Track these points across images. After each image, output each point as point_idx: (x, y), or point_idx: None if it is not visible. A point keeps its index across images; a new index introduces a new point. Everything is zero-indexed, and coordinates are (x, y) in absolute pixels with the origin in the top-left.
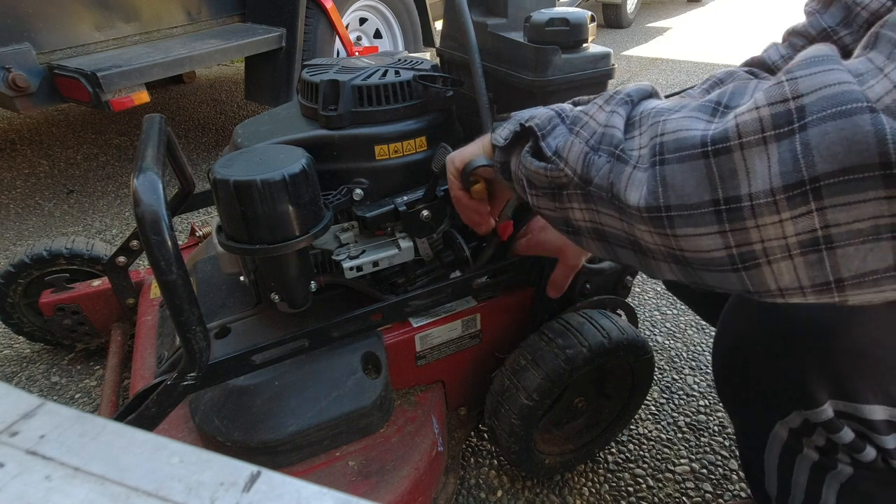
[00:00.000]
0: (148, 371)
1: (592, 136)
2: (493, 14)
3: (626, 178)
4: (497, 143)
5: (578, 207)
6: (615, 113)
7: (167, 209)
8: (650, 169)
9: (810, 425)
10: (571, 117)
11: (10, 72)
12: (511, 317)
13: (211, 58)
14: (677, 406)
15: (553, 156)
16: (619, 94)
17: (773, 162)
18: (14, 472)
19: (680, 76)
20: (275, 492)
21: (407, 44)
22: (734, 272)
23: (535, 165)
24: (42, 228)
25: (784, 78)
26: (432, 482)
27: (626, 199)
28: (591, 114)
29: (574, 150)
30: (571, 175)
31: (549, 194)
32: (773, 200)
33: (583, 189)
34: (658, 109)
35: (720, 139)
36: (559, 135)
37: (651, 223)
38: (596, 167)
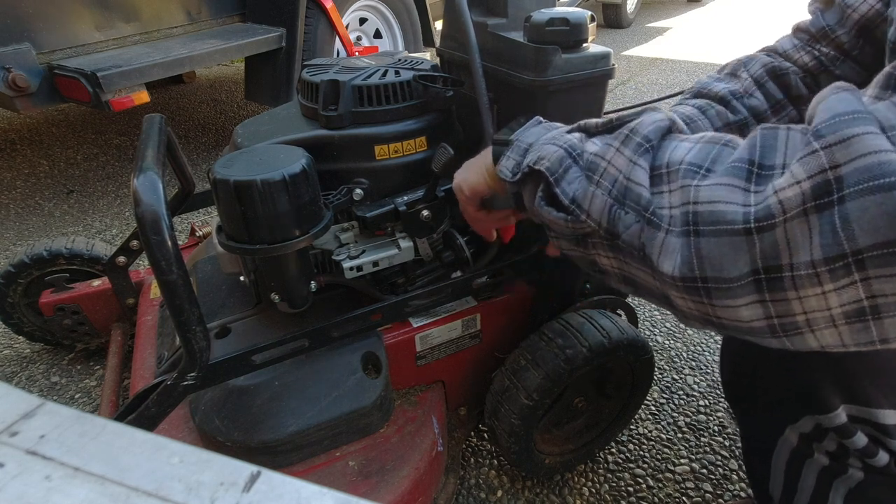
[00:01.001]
0: (148, 371)
1: (614, 185)
2: (493, 14)
3: (658, 244)
4: (504, 178)
5: (605, 255)
6: (637, 166)
7: (167, 209)
8: (683, 238)
9: (822, 430)
10: (587, 162)
11: (10, 72)
12: (511, 317)
13: (211, 58)
14: (677, 406)
15: (572, 205)
16: (636, 133)
17: (814, 234)
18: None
19: (680, 76)
20: (275, 492)
21: (407, 44)
22: (775, 338)
23: (554, 216)
24: (42, 228)
25: (818, 146)
26: (432, 482)
27: (660, 266)
28: (609, 159)
29: (596, 202)
30: (595, 227)
31: (571, 239)
32: (815, 273)
33: (609, 241)
34: (687, 167)
35: (764, 217)
36: (574, 180)
37: (686, 291)
38: (623, 223)
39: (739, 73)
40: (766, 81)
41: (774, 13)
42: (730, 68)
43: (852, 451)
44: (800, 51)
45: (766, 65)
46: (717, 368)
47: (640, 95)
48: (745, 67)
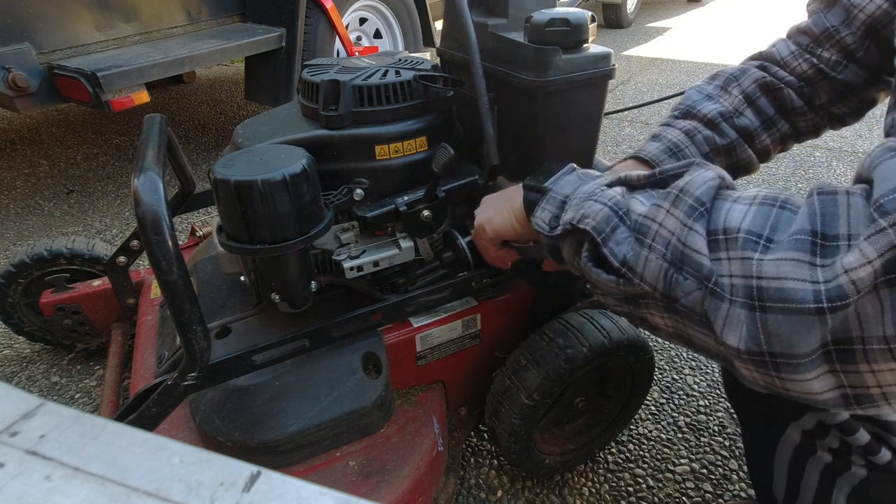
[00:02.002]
0: (148, 371)
1: (667, 248)
2: (494, 14)
3: (723, 315)
4: (541, 231)
5: (660, 315)
6: (693, 231)
7: (168, 209)
8: (748, 311)
9: (825, 427)
10: (635, 223)
11: (10, 72)
12: (511, 317)
13: (211, 58)
14: (677, 406)
15: (623, 268)
16: (687, 194)
17: (887, 309)
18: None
19: (680, 76)
20: (275, 492)
21: (407, 44)
22: (849, 409)
23: (604, 278)
24: (42, 228)
25: (885, 223)
26: (433, 482)
27: (724, 338)
28: (661, 221)
29: (651, 267)
30: (650, 290)
31: (620, 299)
32: (889, 348)
33: (666, 304)
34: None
35: (837, 297)
36: (623, 241)
37: (751, 364)
38: (682, 289)
39: (730, 88)
40: (757, 97)
41: (774, 13)
42: (721, 81)
43: (855, 448)
44: (798, 58)
45: (759, 80)
46: (717, 368)
47: (640, 95)
48: (736, 82)
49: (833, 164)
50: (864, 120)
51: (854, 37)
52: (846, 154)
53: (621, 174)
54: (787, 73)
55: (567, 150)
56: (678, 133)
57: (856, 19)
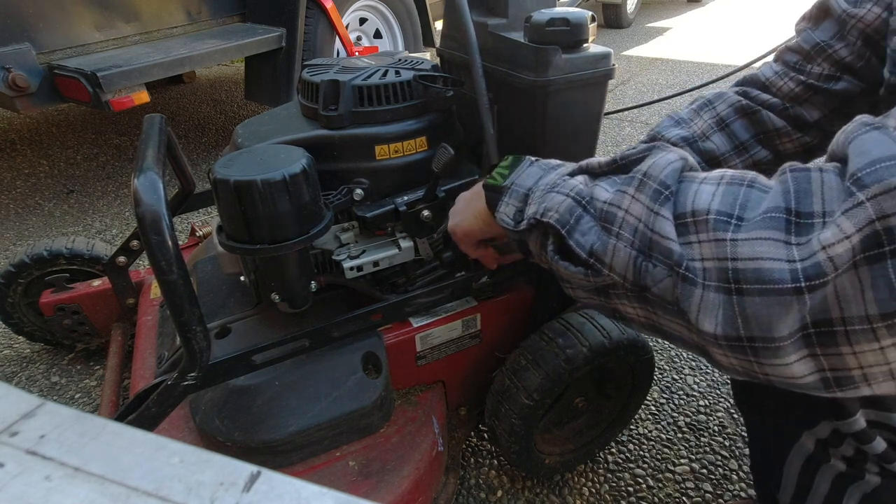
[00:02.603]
0: (148, 371)
1: (635, 235)
2: (494, 14)
3: (696, 301)
4: (506, 226)
5: (631, 306)
6: (660, 217)
7: (167, 209)
8: (724, 295)
9: (840, 435)
10: (600, 211)
11: (10, 72)
12: (511, 317)
13: (211, 58)
14: (677, 406)
15: (590, 259)
16: (651, 178)
17: (867, 288)
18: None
19: (680, 76)
20: (275, 492)
21: (407, 44)
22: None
23: (572, 271)
24: (42, 228)
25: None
26: (432, 482)
27: (699, 324)
28: (626, 207)
29: (619, 256)
30: (620, 280)
31: (589, 290)
32: (871, 328)
33: (636, 293)
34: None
35: (815, 276)
36: (588, 231)
37: (729, 350)
38: (652, 277)
39: (702, 113)
40: (732, 121)
41: (774, 13)
42: (696, 105)
43: (870, 456)
44: (783, 77)
45: (734, 104)
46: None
47: (640, 95)
48: (710, 106)
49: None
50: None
51: (850, 48)
52: None
53: (582, 163)
54: (769, 96)
55: (567, 149)
56: None
57: (853, 30)
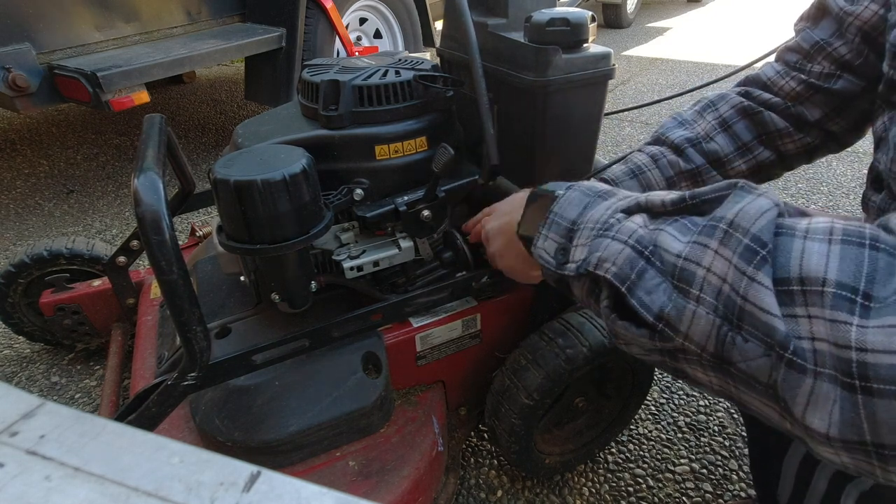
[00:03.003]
0: (148, 371)
1: (718, 299)
2: (494, 14)
3: (805, 392)
4: (545, 264)
5: (704, 373)
6: (756, 283)
7: (168, 209)
8: (843, 391)
9: None
10: (672, 268)
11: (10, 72)
12: (511, 317)
13: (211, 58)
14: (677, 406)
15: (659, 323)
16: (739, 230)
17: None
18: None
19: (680, 76)
20: (275, 492)
21: (407, 44)
22: None
23: (633, 332)
24: (42, 228)
25: None
26: (432, 482)
27: (805, 419)
28: (708, 265)
29: (699, 324)
30: (696, 350)
31: (651, 351)
32: None
33: (715, 364)
34: (835, 291)
35: None
36: (654, 289)
37: (845, 451)
38: (742, 354)
39: (706, 114)
40: (735, 122)
41: (774, 13)
42: (699, 107)
43: None
44: (784, 77)
45: (737, 105)
46: None
47: (640, 95)
48: (713, 108)
49: (833, 164)
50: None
51: (849, 46)
52: (846, 154)
53: (640, 197)
54: (771, 95)
55: (567, 149)
56: (644, 157)
57: (850, 27)
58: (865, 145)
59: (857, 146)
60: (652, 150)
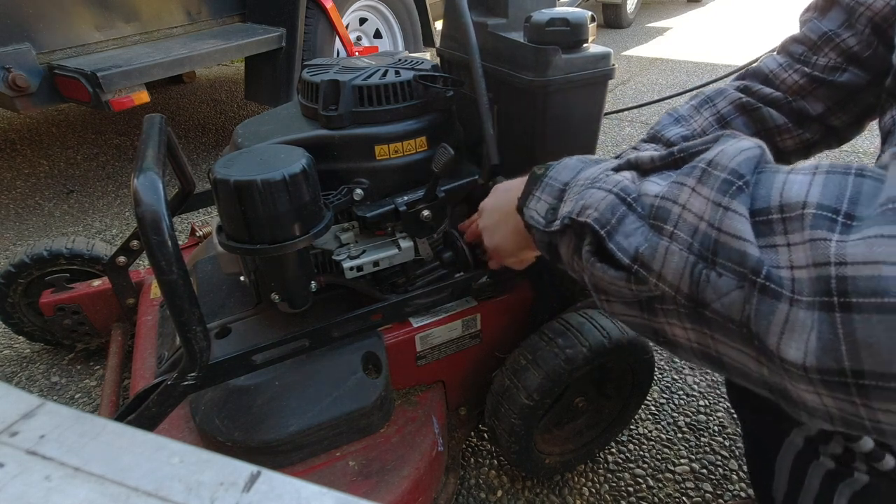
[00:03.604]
0: (148, 371)
1: (694, 237)
2: (494, 14)
3: (780, 321)
4: (534, 224)
5: (681, 326)
6: (731, 212)
7: (167, 209)
8: (821, 313)
9: (828, 433)
10: (649, 208)
11: (10, 72)
12: (511, 317)
13: (211, 58)
14: (677, 406)
15: (634, 264)
16: (718, 167)
17: None
18: (14, 472)
19: (680, 76)
20: (275, 492)
21: (407, 44)
22: None
23: (610, 275)
24: (42, 228)
25: None
26: (432, 482)
27: (781, 350)
28: (683, 202)
29: (672, 261)
30: (669, 291)
31: (629, 303)
32: None
33: (690, 309)
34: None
35: None
36: (633, 232)
37: (824, 386)
38: (715, 290)
39: (703, 110)
40: (733, 118)
41: (774, 13)
42: (696, 102)
43: (858, 454)
44: (787, 70)
45: (735, 101)
46: None
47: (640, 95)
48: (710, 103)
49: None
50: None
51: (858, 37)
52: (846, 154)
53: (630, 155)
54: (772, 90)
55: (567, 149)
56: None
57: (861, 18)
58: (866, 145)
59: (858, 145)
60: (646, 149)
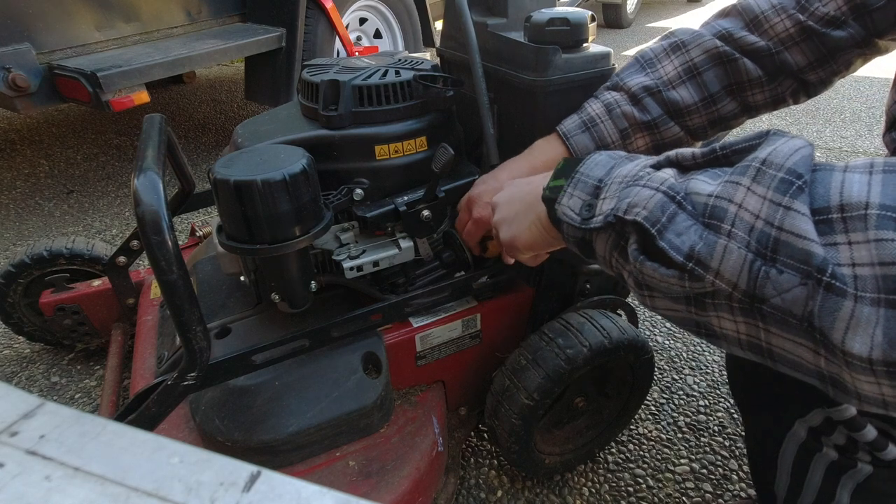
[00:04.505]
0: (148, 371)
1: (751, 234)
2: (494, 14)
3: (845, 317)
4: (569, 221)
5: (731, 319)
6: (792, 211)
7: (167, 209)
8: (887, 310)
9: (832, 423)
10: (702, 207)
11: (10, 72)
12: (511, 317)
13: (211, 58)
14: (677, 406)
15: (689, 262)
16: (773, 166)
17: None
18: (14, 472)
19: None
20: (275, 492)
21: (407, 44)
22: None
23: (661, 273)
24: (42, 228)
25: None
26: (432, 482)
27: (845, 345)
28: (740, 201)
29: (731, 259)
30: (726, 288)
31: (675, 299)
32: None
33: (745, 304)
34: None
35: None
36: (685, 231)
37: (887, 377)
38: (776, 286)
39: (673, 56)
40: (705, 69)
41: None
42: (668, 44)
43: (861, 444)
44: (780, 14)
45: (710, 49)
46: (717, 369)
47: None
48: (683, 49)
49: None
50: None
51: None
52: (846, 154)
53: (670, 153)
54: (757, 38)
55: None
56: (599, 106)
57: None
58: (865, 145)
59: (858, 145)
60: (607, 99)
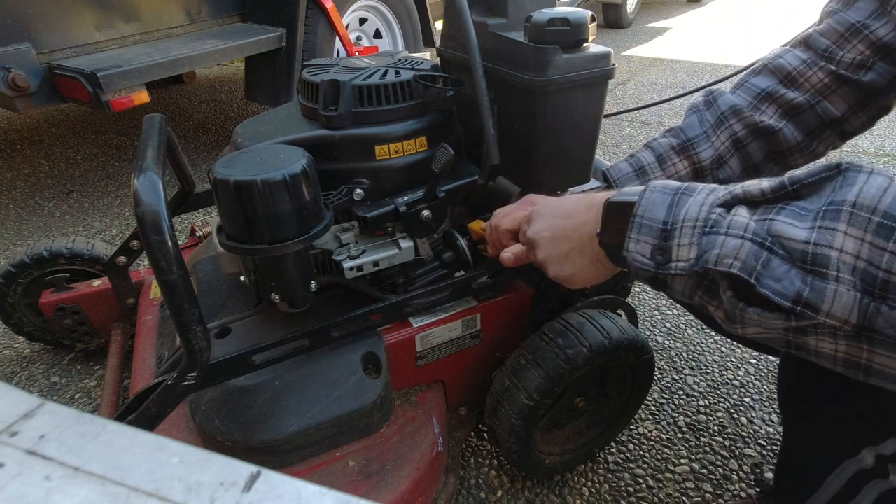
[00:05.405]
0: (148, 371)
1: (854, 274)
2: (494, 14)
3: None
4: (643, 267)
5: (832, 342)
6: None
7: (167, 209)
8: None
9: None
10: (799, 253)
11: (10, 72)
12: (511, 317)
13: (211, 58)
14: (677, 406)
15: (795, 306)
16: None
17: None
18: (14, 472)
19: (680, 76)
20: (275, 492)
21: (407, 44)
22: None
23: (766, 317)
24: (42, 228)
25: None
26: (432, 482)
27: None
28: (839, 246)
29: (841, 301)
30: (836, 324)
31: (774, 329)
32: None
33: (852, 333)
34: None
35: None
36: (784, 276)
37: None
38: (887, 320)
39: (720, 130)
40: (748, 143)
41: (774, 13)
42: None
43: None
44: (812, 67)
45: (752, 125)
46: (717, 369)
47: (640, 95)
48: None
49: None
50: None
51: (889, 27)
52: (846, 154)
53: (736, 189)
54: (798, 94)
55: (567, 149)
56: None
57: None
58: (866, 145)
59: (858, 145)
60: (678, 166)
